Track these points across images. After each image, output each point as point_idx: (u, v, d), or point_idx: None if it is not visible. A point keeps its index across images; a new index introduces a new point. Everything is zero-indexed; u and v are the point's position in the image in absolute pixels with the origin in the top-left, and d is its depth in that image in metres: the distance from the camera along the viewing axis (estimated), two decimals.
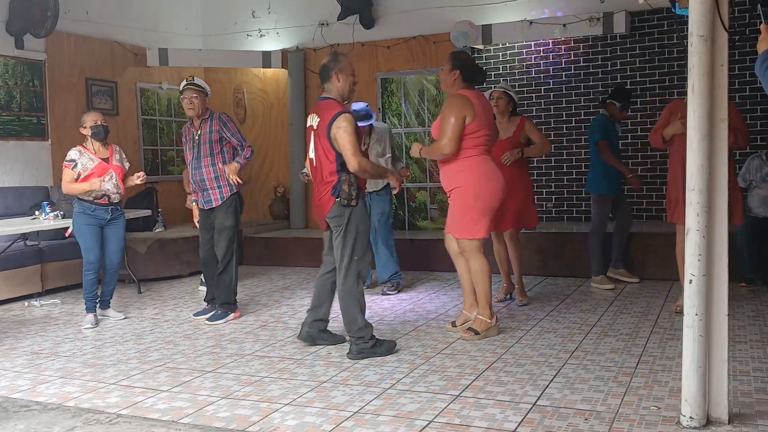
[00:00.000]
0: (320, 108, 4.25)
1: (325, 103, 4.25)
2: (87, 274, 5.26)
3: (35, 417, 3.30)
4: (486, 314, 4.55)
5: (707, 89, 2.89)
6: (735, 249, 5.68)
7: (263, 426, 3.12)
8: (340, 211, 4.15)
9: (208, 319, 5.24)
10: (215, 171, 5.18)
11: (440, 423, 3.08)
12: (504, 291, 5.68)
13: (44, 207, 5.97)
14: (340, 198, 4.13)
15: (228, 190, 5.19)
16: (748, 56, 6.60)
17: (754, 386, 3.44)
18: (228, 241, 5.22)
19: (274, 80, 9.21)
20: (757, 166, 6.22)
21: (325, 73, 4.28)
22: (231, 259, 5.24)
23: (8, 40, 7.08)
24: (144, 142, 8.70)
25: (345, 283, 4.20)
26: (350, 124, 4.09)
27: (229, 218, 5.21)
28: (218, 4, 9.33)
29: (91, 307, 5.29)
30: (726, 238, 2.96)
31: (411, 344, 4.45)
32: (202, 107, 5.22)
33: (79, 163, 5.24)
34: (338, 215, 4.16)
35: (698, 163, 2.89)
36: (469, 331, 4.53)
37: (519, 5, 7.68)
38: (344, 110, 4.15)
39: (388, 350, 4.23)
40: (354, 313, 4.20)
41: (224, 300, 5.28)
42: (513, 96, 5.52)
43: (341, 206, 4.14)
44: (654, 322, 4.82)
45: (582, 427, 2.99)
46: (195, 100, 5.19)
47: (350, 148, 4.06)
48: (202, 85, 5.27)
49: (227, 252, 5.23)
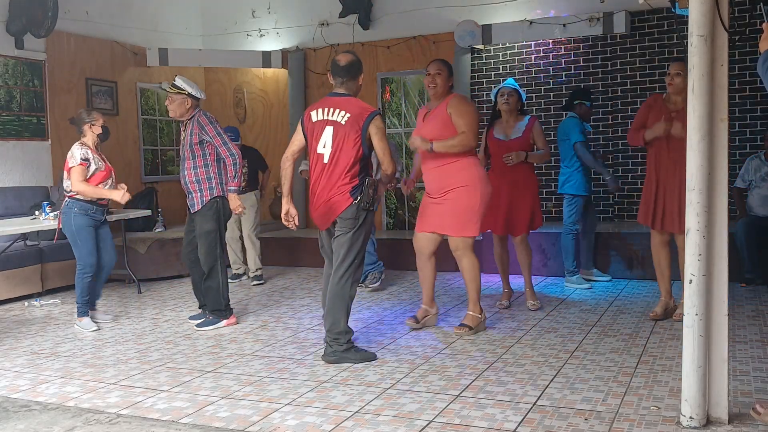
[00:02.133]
0: (343, 104, 4.12)
1: (347, 99, 4.14)
2: (85, 278, 5.08)
3: (35, 417, 3.30)
4: (477, 310, 4.69)
5: (707, 89, 2.89)
6: (735, 249, 5.69)
7: (263, 426, 3.12)
8: (356, 214, 4.07)
9: (197, 324, 5.08)
10: (196, 174, 4.96)
11: (440, 423, 3.08)
12: (506, 297, 5.56)
13: (44, 207, 5.97)
14: (362, 201, 4.06)
15: (209, 193, 4.95)
16: (748, 56, 6.60)
17: (754, 386, 3.44)
18: (208, 246, 4.96)
19: (274, 80, 9.21)
20: (756, 166, 6.22)
21: (353, 71, 4.18)
22: (215, 265, 4.99)
23: (8, 40, 7.08)
24: (144, 142, 8.70)
25: (342, 283, 4.10)
26: (384, 125, 4.15)
27: (208, 222, 4.95)
28: (218, 4, 9.33)
29: (86, 311, 5.18)
30: (726, 238, 2.96)
31: (411, 344, 4.45)
32: (180, 109, 5.00)
33: (92, 162, 5.13)
34: (353, 217, 4.07)
35: (698, 163, 2.89)
36: (463, 327, 4.61)
37: (519, 5, 7.68)
38: (378, 110, 4.19)
39: (363, 359, 4.09)
40: (341, 314, 4.09)
41: (213, 307, 5.07)
42: (523, 94, 5.49)
43: (360, 209, 4.07)
44: (654, 322, 4.82)
45: (582, 427, 2.99)
46: (172, 104, 5.02)
47: (389, 150, 4.12)
48: (181, 86, 4.99)
49: (209, 257, 4.98)
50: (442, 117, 4.58)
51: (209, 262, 4.99)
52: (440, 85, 4.61)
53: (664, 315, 4.87)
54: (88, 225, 5.11)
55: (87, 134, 5.19)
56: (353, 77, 4.19)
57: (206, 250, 4.98)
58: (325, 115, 4.13)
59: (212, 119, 5.05)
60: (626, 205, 7.53)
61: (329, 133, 4.09)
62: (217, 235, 4.99)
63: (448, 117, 4.55)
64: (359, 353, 4.13)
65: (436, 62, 4.69)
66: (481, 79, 8.12)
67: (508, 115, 5.40)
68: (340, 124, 4.07)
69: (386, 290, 6.35)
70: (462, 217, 4.54)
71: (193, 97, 5.02)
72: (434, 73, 4.60)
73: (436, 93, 4.64)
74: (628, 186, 7.49)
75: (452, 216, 4.57)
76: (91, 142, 5.20)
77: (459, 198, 4.54)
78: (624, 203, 7.54)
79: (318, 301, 5.95)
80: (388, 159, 4.12)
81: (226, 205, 5.02)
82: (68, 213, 5.09)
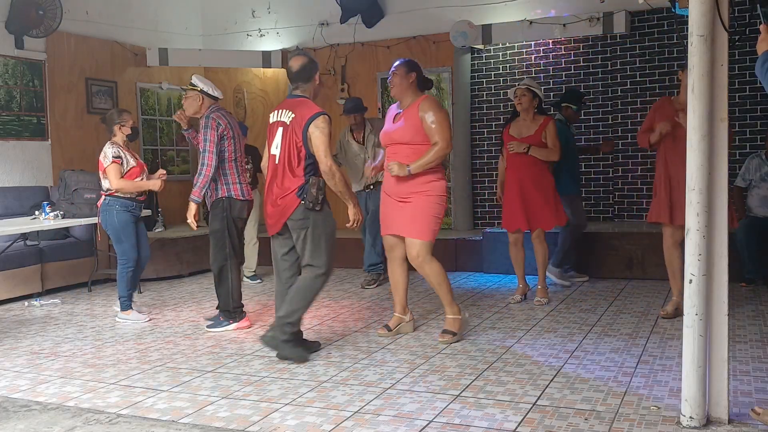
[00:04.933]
0: (294, 105, 4.18)
1: (299, 100, 4.20)
2: (128, 272, 5.28)
3: (35, 417, 3.30)
4: (455, 311, 4.52)
5: (707, 89, 2.88)
6: (735, 249, 5.69)
7: (263, 426, 3.12)
8: (304, 215, 4.08)
9: (208, 326, 5.06)
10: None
11: (440, 423, 3.08)
12: (520, 292, 5.65)
13: (44, 207, 5.97)
14: (306, 201, 4.07)
15: (215, 194, 4.89)
16: (748, 56, 6.60)
17: (754, 386, 3.44)
18: (215, 246, 4.91)
19: (274, 80, 9.21)
20: (756, 165, 6.22)
21: (305, 73, 4.23)
22: (225, 265, 4.91)
23: (8, 40, 7.08)
24: (144, 142, 8.70)
25: (312, 278, 4.11)
26: (328, 126, 4.10)
27: (216, 222, 4.89)
28: (218, 4, 9.33)
29: (130, 304, 5.36)
30: (726, 238, 2.96)
31: (411, 344, 4.45)
32: (194, 107, 4.98)
33: (124, 159, 5.24)
34: (302, 218, 4.09)
35: (698, 163, 2.89)
36: (446, 334, 4.46)
37: (519, 5, 7.68)
38: (323, 111, 4.16)
39: (297, 356, 4.10)
40: (299, 307, 4.12)
41: (223, 307, 5.04)
42: (538, 92, 5.48)
43: (306, 209, 4.08)
44: (654, 322, 4.82)
45: (582, 426, 2.99)
46: (186, 101, 5.03)
47: (323, 148, 4.06)
48: (195, 83, 4.97)
49: (217, 257, 4.91)
50: (413, 122, 4.43)
51: (218, 261, 4.95)
52: (397, 84, 4.50)
53: (674, 314, 4.86)
54: (131, 221, 5.30)
55: (117, 134, 5.34)
56: (306, 79, 4.24)
57: (214, 250, 4.95)
58: (278, 117, 4.23)
59: (210, 123, 4.84)
60: (626, 205, 7.53)
61: (279, 134, 4.17)
62: (224, 234, 4.89)
63: (419, 122, 4.41)
64: (295, 350, 4.14)
65: (396, 62, 4.60)
66: (481, 79, 8.12)
67: (525, 114, 5.48)
68: (287, 125, 4.14)
69: (387, 290, 6.35)
70: (424, 222, 4.39)
71: (207, 94, 4.97)
72: (391, 72, 4.54)
73: (394, 93, 4.54)
74: (628, 186, 7.49)
75: (413, 220, 4.41)
76: (121, 141, 5.34)
77: (421, 203, 4.41)
78: (624, 203, 7.55)
79: (318, 301, 5.95)
80: (321, 156, 4.06)
81: (233, 206, 4.92)
82: (110, 211, 5.25)
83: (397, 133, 4.49)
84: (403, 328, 4.71)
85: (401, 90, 4.51)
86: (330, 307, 5.76)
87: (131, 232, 5.29)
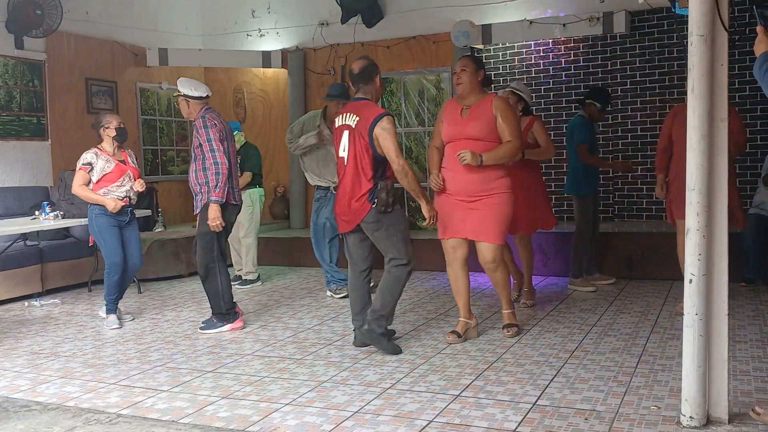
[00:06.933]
0: (357, 108, 4.27)
1: (362, 103, 4.29)
2: (112, 277, 5.20)
3: (35, 417, 3.30)
4: (512, 307, 4.69)
5: (707, 89, 2.88)
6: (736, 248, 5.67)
7: (263, 426, 3.12)
8: (376, 218, 4.19)
9: (201, 327, 5.03)
10: (197, 177, 4.87)
11: (440, 423, 3.08)
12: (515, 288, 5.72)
13: (44, 207, 5.97)
14: (377, 205, 4.15)
15: (206, 197, 4.82)
16: (748, 56, 6.59)
17: (754, 386, 3.44)
18: (203, 248, 4.88)
19: (274, 80, 9.21)
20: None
21: (367, 75, 4.32)
22: (213, 267, 4.88)
23: (8, 40, 7.08)
24: (144, 142, 8.71)
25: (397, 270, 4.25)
26: (393, 126, 4.17)
27: (204, 224, 4.84)
28: (218, 4, 9.33)
29: (113, 308, 5.28)
30: (726, 238, 2.96)
31: (411, 344, 4.45)
32: (185, 111, 5.00)
33: (97, 166, 5.19)
34: (375, 221, 4.20)
35: (698, 162, 2.89)
36: (512, 327, 4.58)
37: (519, 5, 7.68)
38: (387, 111, 4.24)
39: (391, 350, 4.22)
40: (391, 297, 4.26)
41: (214, 310, 5.01)
42: (523, 95, 5.44)
43: (378, 213, 4.17)
44: (654, 322, 4.82)
45: (582, 426, 2.99)
46: (179, 106, 5.07)
47: (393, 149, 4.14)
48: (180, 89, 4.96)
49: (204, 258, 4.88)
50: (487, 117, 4.37)
51: (205, 262, 4.91)
52: (466, 82, 4.45)
53: None
54: (110, 225, 5.23)
55: (103, 138, 5.31)
56: (367, 81, 4.32)
57: (201, 252, 4.91)
58: (343, 120, 4.31)
59: (208, 123, 4.83)
60: (626, 205, 7.54)
61: (346, 137, 4.26)
62: (212, 237, 4.86)
63: (493, 119, 4.37)
64: (390, 344, 4.27)
65: (462, 59, 4.57)
66: None
67: None
68: (353, 128, 4.22)
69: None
70: (500, 225, 4.39)
71: (190, 96, 4.94)
72: (459, 71, 4.49)
73: (463, 90, 4.48)
74: (628, 186, 7.50)
75: (493, 223, 4.36)
76: (108, 145, 5.29)
77: (497, 205, 4.37)
78: (624, 203, 7.55)
79: (318, 301, 5.96)
80: (392, 157, 4.14)
81: (224, 210, 4.86)
82: (90, 215, 5.27)
83: (473, 129, 4.37)
84: (470, 333, 4.56)
85: (471, 88, 4.47)
86: (330, 307, 5.76)
87: (109, 237, 5.21)
